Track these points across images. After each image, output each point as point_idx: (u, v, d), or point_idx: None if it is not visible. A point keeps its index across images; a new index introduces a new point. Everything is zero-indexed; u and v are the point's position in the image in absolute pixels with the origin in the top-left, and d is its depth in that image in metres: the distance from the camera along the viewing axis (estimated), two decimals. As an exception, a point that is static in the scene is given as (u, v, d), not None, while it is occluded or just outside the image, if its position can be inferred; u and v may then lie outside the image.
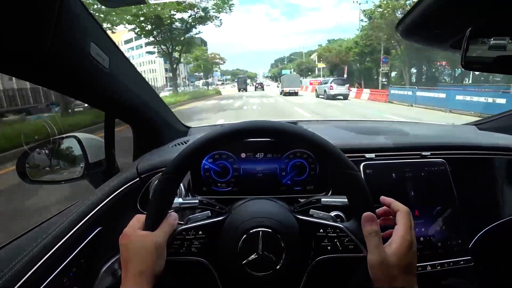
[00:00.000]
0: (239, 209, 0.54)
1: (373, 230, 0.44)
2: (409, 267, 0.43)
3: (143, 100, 0.74)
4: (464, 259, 0.67)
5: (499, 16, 0.50)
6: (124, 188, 0.65)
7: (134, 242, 0.44)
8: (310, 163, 0.68)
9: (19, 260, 0.48)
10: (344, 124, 1.15)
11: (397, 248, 0.43)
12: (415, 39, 0.64)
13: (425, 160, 0.73)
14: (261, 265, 0.47)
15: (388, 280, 0.42)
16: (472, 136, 0.88)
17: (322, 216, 0.54)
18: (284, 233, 0.48)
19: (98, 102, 0.66)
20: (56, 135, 0.82)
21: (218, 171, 0.68)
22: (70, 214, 0.57)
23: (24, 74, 0.46)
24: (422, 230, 0.67)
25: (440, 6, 0.49)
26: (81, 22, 0.46)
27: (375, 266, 0.42)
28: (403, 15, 0.57)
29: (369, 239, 0.44)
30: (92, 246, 0.57)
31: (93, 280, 0.58)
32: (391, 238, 0.45)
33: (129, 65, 0.66)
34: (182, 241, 0.50)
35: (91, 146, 0.80)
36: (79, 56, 0.47)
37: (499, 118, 1.07)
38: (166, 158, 0.72)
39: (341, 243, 0.50)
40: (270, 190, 0.68)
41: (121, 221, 0.63)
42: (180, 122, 1.04)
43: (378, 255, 0.42)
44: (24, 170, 0.76)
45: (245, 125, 0.47)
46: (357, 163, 0.69)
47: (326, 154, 0.46)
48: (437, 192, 0.70)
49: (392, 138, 0.80)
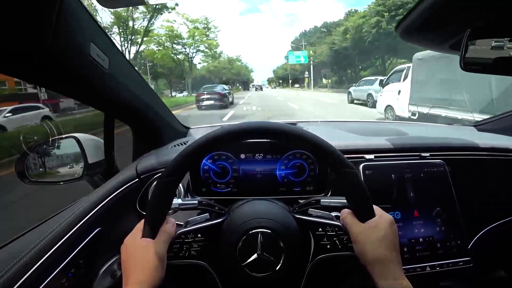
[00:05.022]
0: (239, 210, 0.54)
1: (354, 220, 0.47)
2: (390, 240, 0.45)
3: (143, 100, 0.74)
4: (463, 260, 0.67)
5: (498, 17, 0.50)
6: (123, 189, 0.65)
7: (134, 252, 0.45)
8: (310, 164, 0.68)
9: (18, 261, 0.48)
10: (343, 125, 1.15)
11: (374, 221, 0.46)
12: (414, 40, 0.64)
13: (424, 161, 0.73)
14: (261, 266, 0.47)
15: (371, 250, 0.44)
16: (471, 137, 0.88)
17: (320, 215, 0.54)
18: (283, 234, 0.48)
19: (98, 103, 0.66)
20: (56, 136, 0.81)
21: (218, 172, 0.68)
22: (69, 215, 0.57)
23: (23, 74, 0.46)
24: (421, 231, 0.67)
25: (439, 8, 0.50)
26: (81, 22, 0.46)
27: (356, 235, 0.46)
28: (402, 17, 0.57)
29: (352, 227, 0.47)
30: (91, 246, 0.57)
31: (92, 281, 0.58)
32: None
33: (129, 66, 0.66)
34: (181, 244, 0.50)
35: (90, 147, 0.80)
36: (79, 57, 0.47)
37: (498, 119, 1.07)
38: (166, 158, 0.72)
39: (340, 242, 0.50)
40: (270, 191, 0.68)
41: (120, 221, 0.63)
42: (180, 122, 1.04)
43: (359, 227, 0.46)
44: (23, 170, 0.75)
45: (244, 126, 0.47)
46: (357, 164, 0.69)
47: (325, 154, 0.46)
48: (436, 193, 0.70)
49: (392, 139, 0.80)
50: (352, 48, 28.80)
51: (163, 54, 27.88)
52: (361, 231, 0.45)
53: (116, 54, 0.58)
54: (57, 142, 0.81)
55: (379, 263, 0.43)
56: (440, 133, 0.99)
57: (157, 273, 0.44)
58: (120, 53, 0.61)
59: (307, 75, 42.89)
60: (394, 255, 0.44)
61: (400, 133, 0.96)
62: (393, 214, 0.67)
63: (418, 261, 0.65)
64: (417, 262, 0.65)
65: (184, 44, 29.74)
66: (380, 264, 0.43)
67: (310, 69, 40.83)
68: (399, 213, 0.67)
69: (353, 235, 0.46)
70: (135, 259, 0.44)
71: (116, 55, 0.58)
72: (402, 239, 0.65)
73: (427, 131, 1.07)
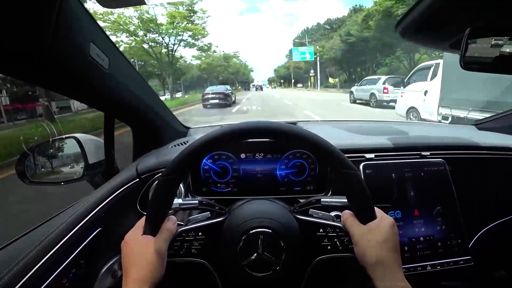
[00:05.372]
0: (239, 210, 0.54)
1: (355, 222, 0.47)
2: (391, 243, 0.45)
3: (143, 100, 0.74)
4: (463, 259, 0.67)
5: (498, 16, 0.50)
6: (124, 189, 0.65)
7: (135, 249, 0.45)
8: (310, 164, 0.68)
9: (19, 261, 0.48)
10: (343, 125, 1.15)
11: (375, 223, 0.46)
12: (414, 39, 0.64)
13: (424, 160, 0.73)
14: (261, 266, 0.47)
15: (371, 253, 0.44)
16: (471, 136, 0.88)
17: (321, 216, 0.54)
18: (284, 234, 0.48)
19: (98, 103, 0.66)
20: (56, 136, 0.82)
21: (218, 171, 0.68)
22: (70, 215, 0.57)
23: (23, 74, 0.46)
24: (422, 230, 0.67)
25: (439, 6, 0.50)
26: (81, 22, 0.46)
27: (357, 237, 0.45)
28: (402, 16, 0.57)
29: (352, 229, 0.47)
30: (92, 247, 0.57)
31: (93, 281, 0.58)
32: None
33: (129, 66, 0.66)
34: (182, 242, 0.50)
35: (90, 147, 0.80)
36: (79, 57, 0.47)
37: (498, 118, 1.07)
38: (166, 158, 0.72)
39: (341, 243, 0.50)
40: (270, 190, 0.68)
41: (121, 222, 0.63)
42: (180, 122, 1.04)
43: (360, 229, 0.46)
44: (24, 171, 0.76)
45: (244, 126, 0.47)
46: (357, 163, 0.69)
47: (326, 154, 0.46)
48: (436, 192, 0.70)
49: (392, 138, 0.80)
50: (375, 38, 22.45)
51: (132, 47, 21.04)
52: (362, 233, 0.45)
53: (116, 54, 0.58)
54: (57, 142, 0.81)
55: (379, 265, 0.43)
56: (440, 132, 0.99)
57: (157, 270, 0.44)
58: (120, 53, 0.61)
59: (312, 74, 38.35)
60: (395, 258, 0.44)
61: (400, 132, 0.96)
62: (394, 213, 0.67)
63: (419, 260, 0.65)
64: (417, 261, 0.65)
65: (161, 33, 22.03)
66: (380, 266, 0.43)
67: (316, 66, 35.58)
68: (399, 212, 0.67)
69: (353, 237, 0.46)
70: (135, 255, 0.44)
71: (116, 55, 0.58)
72: (403, 239, 0.65)
73: (427, 130, 1.07)
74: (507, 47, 0.52)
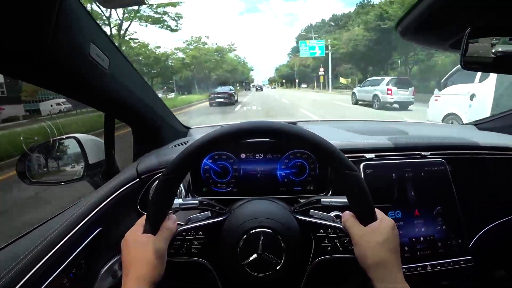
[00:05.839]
0: (239, 210, 0.54)
1: (355, 223, 0.47)
2: (391, 245, 0.45)
3: (143, 100, 0.74)
4: (464, 259, 0.67)
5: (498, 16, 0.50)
6: (124, 189, 0.65)
7: (135, 247, 0.45)
8: (310, 163, 0.68)
9: (19, 261, 0.48)
10: (343, 125, 1.15)
11: (375, 225, 0.45)
12: (414, 39, 0.64)
13: (425, 160, 0.73)
14: (261, 266, 0.47)
15: (371, 254, 0.44)
16: (472, 135, 0.88)
17: (322, 216, 0.54)
18: (284, 234, 0.48)
19: (98, 103, 0.66)
20: (56, 136, 0.82)
21: (218, 171, 0.68)
22: (70, 215, 0.57)
23: (23, 74, 0.46)
24: (422, 230, 0.67)
25: (439, 6, 0.50)
26: (81, 22, 0.46)
27: (357, 238, 0.45)
28: (402, 15, 0.57)
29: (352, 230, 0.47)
30: (92, 247, 0.57)
31: (93, 281, 0.58)
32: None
33: (129, 66, 0.66)
34: (182, 241, 0.50)
35: (91, 147, 0.80)
36: (79, 57, 0.47)
37: (498, 117, 1.07)
38: (166, 158, 0.72)
39: (341, 244, 0.50)
40: (270, 190, 0.68)
41: (121, 221, 0.63)
42: (180, 122, 1.04)
43: (360, 230, 0.46)
44: (24, 171, 0.76)
45: (244, 126, 0.47)
46: (357, 163, 0.69)
47: (326, 154, 0.46)
48: (437, 192, 0.70)
49: (392, 138, 0.80)
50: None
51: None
52: (362, 234, 0.45)
53: (116, 54, 0.58)
54: (58, 142, 0.81)
55: (379, 266, 0.43)
56: (440, 132, 0.99)
57: (157, 269, 0.44)
58: (120, 53, 0.61)
59: (322, 72, 31.90)
60: (395, 259, 0.44)
61: (401, 132, 0.96)
62: (394, 213, 0.67)
63: (419, 260, 0.65)
64: (418, 261, 0.65)
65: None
66: (380, 268, 0.43)
67: (328, 64, 28.99)
68: (399, 212, 0.67)
69: (354, 237, 0.46)
70: (135, 254, 0.44)
71: (116, 55, 0.58)
72: (403, 239, 0.65)
73: (428, 130, 1.07)
74: (507, 47, 0.52)
